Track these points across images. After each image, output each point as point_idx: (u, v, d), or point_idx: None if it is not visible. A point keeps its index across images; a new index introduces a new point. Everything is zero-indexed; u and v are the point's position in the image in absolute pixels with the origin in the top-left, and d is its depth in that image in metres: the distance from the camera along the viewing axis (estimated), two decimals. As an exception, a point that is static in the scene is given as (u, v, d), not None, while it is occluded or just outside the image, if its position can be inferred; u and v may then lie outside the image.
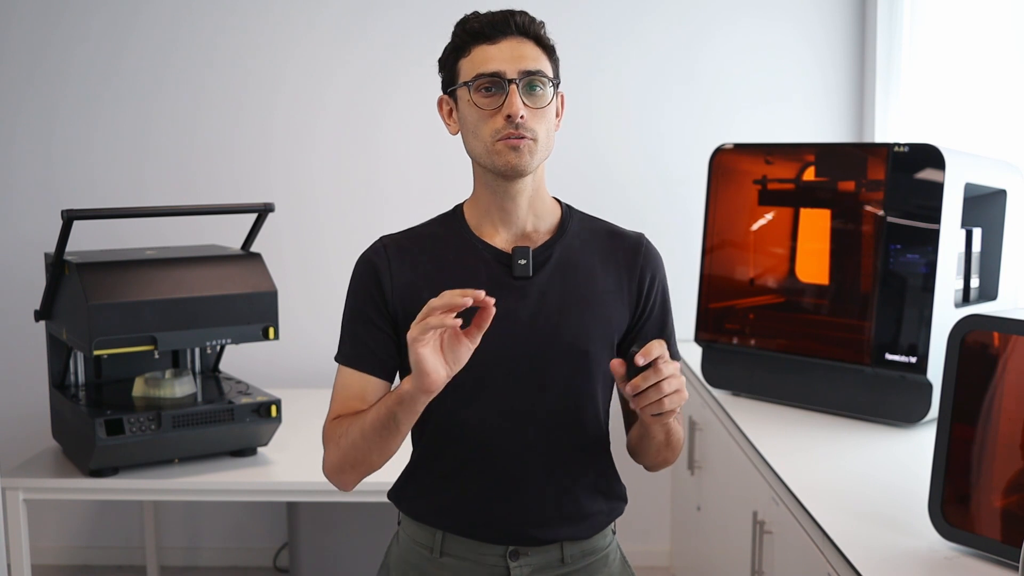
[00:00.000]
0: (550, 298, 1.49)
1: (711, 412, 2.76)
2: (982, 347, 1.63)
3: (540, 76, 1.45)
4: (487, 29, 1.46)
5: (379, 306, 1.52)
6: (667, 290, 1.61)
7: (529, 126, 1.44)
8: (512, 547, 1.51)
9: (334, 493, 2.60)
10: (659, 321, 1.58)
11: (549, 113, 1.48)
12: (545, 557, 1.53)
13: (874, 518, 1.80)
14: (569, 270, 1.52)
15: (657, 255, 1.59)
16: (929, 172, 2.28)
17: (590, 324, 1.50)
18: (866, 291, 2.41)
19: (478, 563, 1.52)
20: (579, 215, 1.59)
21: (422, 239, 1.57)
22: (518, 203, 1.51)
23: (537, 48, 1.47)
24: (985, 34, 2.83)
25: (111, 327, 2.45)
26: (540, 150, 1.47)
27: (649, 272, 1.56)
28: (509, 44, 1.45)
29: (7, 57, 3.49)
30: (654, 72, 3.48)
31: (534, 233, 1.53)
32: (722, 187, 2.76)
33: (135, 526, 3.64)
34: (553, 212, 1.57)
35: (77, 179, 3.52)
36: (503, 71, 1.44)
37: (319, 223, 3.52)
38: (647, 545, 3.57)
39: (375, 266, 1.54)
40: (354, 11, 3.48)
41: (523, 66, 1.44)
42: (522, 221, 1.52)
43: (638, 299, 1.55)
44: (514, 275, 1.49)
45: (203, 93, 3.51)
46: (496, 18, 1.46)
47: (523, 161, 1.45)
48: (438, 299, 1.29)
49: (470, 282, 1.44)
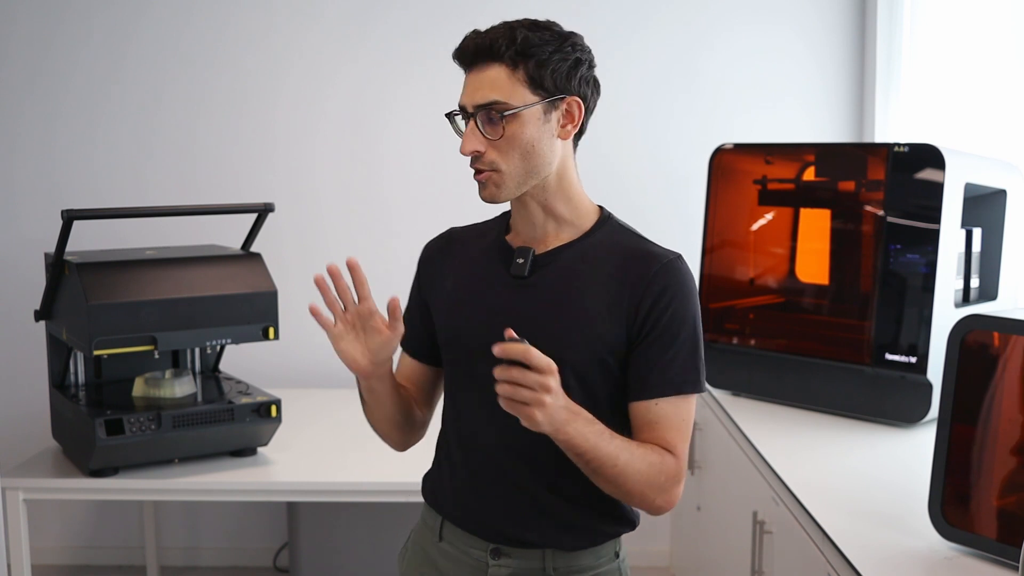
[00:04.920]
0: (538, 302, 1.49)
1: (711, 412, 2.76)
2: (982, 347, 1.63)
3: (494, 107, 1.41)
4: (462, 58, 1.46)
5: (418, 293, 1.64)
6: (685, 318, 1.45)
7: (487, 159, 1.44)
8: (495, 545, 1.51)
9: (334, 493, 2.60)
10: (662, 346, 1.44)
11: (515, 139, 1.42)
12: (527, 563, 1.51)
13: (874, 518, 1.80)
14: (565, 279, 1.49)
15: (675, 278, 1.45)
16: (929, 172, 2.28)
17: (573, 334, 1.45)
18: (866, 291, 2.41)
19: (466, 555, 1.53)
20: (613, 227, 1.53)
21: (472, 233, 1.63)
22: (530, 210, 1.51)
23: (503, 69, 1.41)
24: (985, 34, 2.83)
25: (111, 327, 2.45)
26: (508, 180, 1.45)
27: (654, 292, 1.44)
28: (476, 73, 1.44)
29: (8, 57, 3.49)
30: (657, 74, 3.48)
31: (553, 237, 1.52)
32: (722, 187, 2.76)
33: (135, 526, 3.64)
34: (584, 218, 1.52)
35: (77, 179, 3.52)
36: (465, 104, 1.45)
37: (319, 223, 3.52)
38: (647, 545, 3.56)
39: (425, 255, 1.66)
40: (355, 11, 3.47)
41: (476, 100, 1.43)
42: (540, 226, 1.52)
43: (634, 318, 1.45)
44: (511, 273, 1.51)
45: (204, 93, 3.51)
46: (463, 47, 1.45)
47: (490, 194, 1.46)
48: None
49: (476, 276, 1.53)
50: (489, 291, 1.52)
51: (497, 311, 1.49)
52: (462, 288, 1.55)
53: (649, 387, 1.45)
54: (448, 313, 1.55)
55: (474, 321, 1.51)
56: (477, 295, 1.52)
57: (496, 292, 1.51)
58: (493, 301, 1.51)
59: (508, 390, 1.29)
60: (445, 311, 1.56)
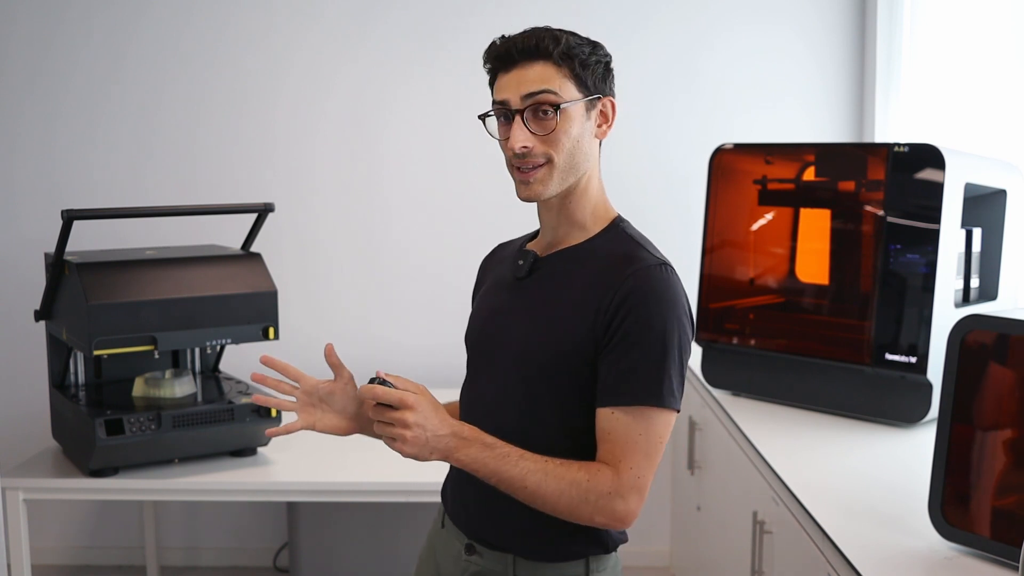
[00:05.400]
0: (529, 304, 1.52)
1: (711, 412, 2.76)
2: (982, 347, 1.63)
3: (543, 95, 1.43)
4: (501, 58, 1.47)
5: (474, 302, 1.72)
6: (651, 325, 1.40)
7: (538, 152, 1.44)
8: (469, 541, 1.55)
9: (334, 493, 2.60)
10: (623, 351, 1.40)
11: (564, 134, 1.44)
12: (495, 565, 1.51)
13: (874, 518, 1.80)
14: (558, 280, 1.51)
15: (646, 283, 1.42)
16: (929, 172, 2.28)
17: (546, 336, 1.46)
18: (866, 291, 2.41)
19: (450, 545, 1.59)
20: (617, 233, 1.52)
21: (513, 243, 1.70)
22: (550, 213, 1.55)
23: (550, 67, 1.44)
24: (985, 34, 2.83)
25: (111, 327, 2.45)
26: (558, 173, 1.46)
27: (621, 296, 1.41)
28: (517, 71, 1.45)
29: (9, 57, 3.49)
30: (657, 74, 3.48)
31: (563, 241, 1.54)
32: (722, 187, 2.76)
33: (135, 526, 3.64)
34: (596, 223, 1.53)
35: (77, 179, 3.52)
36: (509, 100, 1.45)
37: (319, 223, 3.52)
38: (647, 545, 3.57)
39: (481, 265, 1.75)
40: (355, 11, 3.47)
41: (524, 90, 1.44)
42: (553, 229, 1.55)
43: (598, 320, 1.42)
44: (514, 275, 1.57)
45: (203, 93, 3.51)
46: (502, 49, 1.47)
47: (535, 192, 1.47)
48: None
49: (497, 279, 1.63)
50: (498, 292, 1.60)
51: (495, 310, 1.58)
52: (487, 291, 1.65)
53: (607, 394, 1.42)
54: (472, 314, 1.66)
55: (477, 320, 1.62)
56: (490, 296, 1.62)
57: (500, 293, 1.59)
58: (495, 301, 1.60)
59: (378, 427, 1.40)
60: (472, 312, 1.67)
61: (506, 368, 1.52)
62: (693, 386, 2.95)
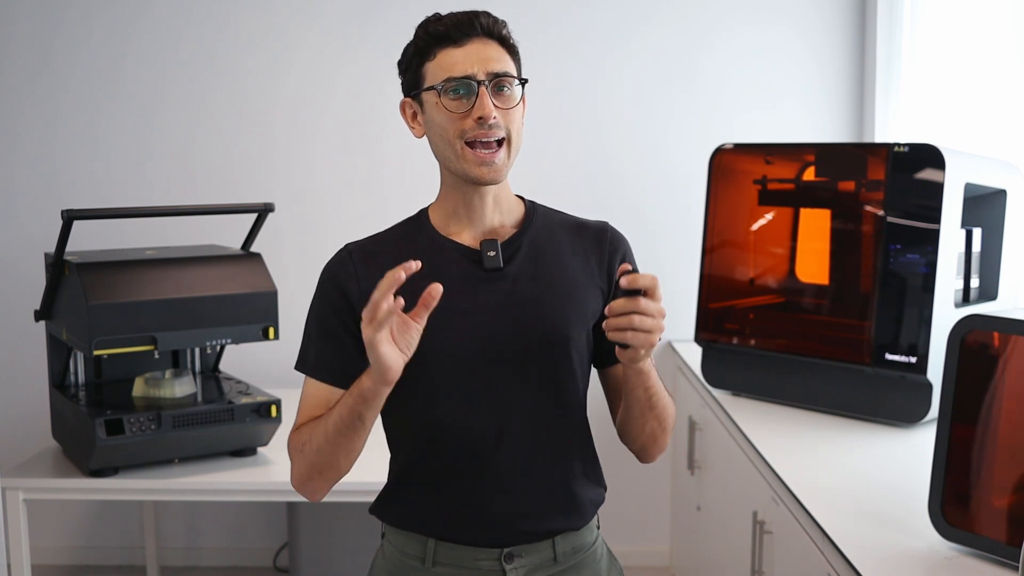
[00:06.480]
0: (524, 287, 1.49)
1: (711, 412, 2.76)
2: (982, 347, 1.63)
3: (507, 77, 1.45)
4: (452, 32, 1.47)
5: (344, 317, 1.50)
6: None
7: (500, 124, 1.45)
8: (507, 549, 1.49)
9: (334, 493, 2.58)
10: None
11: (517, 112, 1.48)
12: (539, 556, 1.51)
13: (874, 518, 1.80)
14: (540, 258, 1.51)
15: (623, 239, 1.58)
16: (929, 172, 2.28)
17: (567, 309, 1.50)
18: (866, 291, 2.41)
19: (473, 569, 1.49)
20: (543, 209, 1.59)
21: (388, 243, 1.55)
22: (485, 201, 1.51)
23: (501, 48, 1.47)
24: (985, 34, 2.83)
25: (111, 327, 2.45)
26: (513, 153, 1.48)
27: (618, 256, 1.55)
28: (475, 46, 1.46)
29: (9, 57, 3.49)
30: (657, 74, 3.48)
31: (500, 228, 1.53)
32: (722, 187, 2.76)
33: (135, 526, 3.64)
34: (518, 207, 1.57)
35: (78, 179, 3.52)
36: (473, 73, 1.44)
37: (319, 223, 3.52)
38: (647, 545, 3.57)
39: (340, 275, 1.52)
40: (355, 11, 3.48)
41: (490, 68, 1.44)
42: (488, 218, 1.52)
43: (608, 283, 1.54)
44: (485, 267, 1.48)
45: (204, 93, 3.51)
46: (461, 19, 1.47)
47: (497, 171, 1.45)
48: (376, 291, 1.27)
49: (440, 281, 1.33)
50: (470, 291, 1.47)
51: (493, 307, 1.47)
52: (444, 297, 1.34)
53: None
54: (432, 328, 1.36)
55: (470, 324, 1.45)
56: (456, 300, 1.43)
57: (479, 290, 1.47)
58: (482, 299, 1.47)
59: (630, 321, 1.30)
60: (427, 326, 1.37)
61: (525, 359, 1.47)
62: (693, 386, 2.95)
